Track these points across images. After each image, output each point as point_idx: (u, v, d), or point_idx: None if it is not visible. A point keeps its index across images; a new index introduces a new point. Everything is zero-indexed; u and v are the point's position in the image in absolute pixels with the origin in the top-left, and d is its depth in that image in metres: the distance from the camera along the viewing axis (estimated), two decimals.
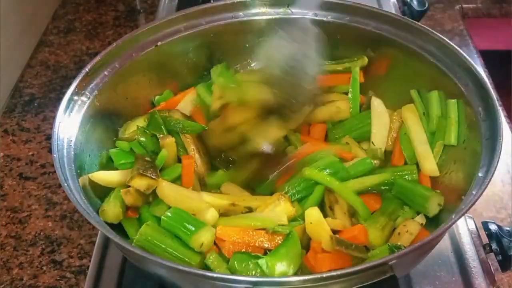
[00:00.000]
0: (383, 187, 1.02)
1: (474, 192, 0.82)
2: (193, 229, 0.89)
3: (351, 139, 1.10)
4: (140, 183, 0.93)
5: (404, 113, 1.09)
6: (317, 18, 1.15)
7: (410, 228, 0.94)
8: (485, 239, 1.06)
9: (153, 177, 0.93)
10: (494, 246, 1.04)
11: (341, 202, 0.98)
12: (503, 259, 1.03)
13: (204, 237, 0.88)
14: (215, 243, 0.91)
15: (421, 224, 0.96)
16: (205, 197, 0.96)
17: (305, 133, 1.14)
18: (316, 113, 1.14)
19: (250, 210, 0.96)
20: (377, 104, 1.12)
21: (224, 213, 0.96)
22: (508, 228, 1.05)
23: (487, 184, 0.81)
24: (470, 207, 0.79)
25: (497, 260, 1.03)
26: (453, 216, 0.80)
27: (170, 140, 1.03)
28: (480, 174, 0.85)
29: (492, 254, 1.04)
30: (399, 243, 0.91)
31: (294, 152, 1.08)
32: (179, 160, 1.05)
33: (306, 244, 0.93)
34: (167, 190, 0.95)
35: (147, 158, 0.98)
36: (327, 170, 0.99)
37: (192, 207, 0.94)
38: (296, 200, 0.98)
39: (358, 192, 0.99)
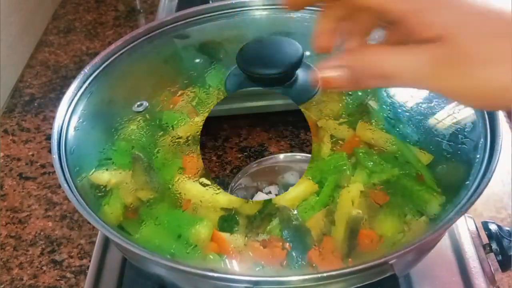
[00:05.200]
0: (388, 185, 1.02)
1: (474, 190, 0.82)
2: (191, 223, 0.89)
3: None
4: (147, 194, 0.95)
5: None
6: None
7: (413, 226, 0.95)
8: (485, 239, 1.06)
9: (159, 191, 0.94)
10: (494, 246, 1.04)
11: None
12: (503, 259, 1.03)
13: (201, 232, 0.89)
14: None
15: (426, 223, 0.96)
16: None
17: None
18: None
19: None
20: None
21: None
22: (508, 228, 1.04)
23: (488, 181, 0.81)
24: (470, 206, 0.79)
25: (497, 260, 1.03)
26: (453, 214, 0.80)
27: (165, 140, 1.03)
28: (481, 171, 0.85)
29: (492, 254, 1.05)
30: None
31: None
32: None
33: (320, 235, 0.93)
34: (185, 183, 0.96)
35: (146, 161, 0.98)
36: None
37: (208, 198, 0.94)
38: None
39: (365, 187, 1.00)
